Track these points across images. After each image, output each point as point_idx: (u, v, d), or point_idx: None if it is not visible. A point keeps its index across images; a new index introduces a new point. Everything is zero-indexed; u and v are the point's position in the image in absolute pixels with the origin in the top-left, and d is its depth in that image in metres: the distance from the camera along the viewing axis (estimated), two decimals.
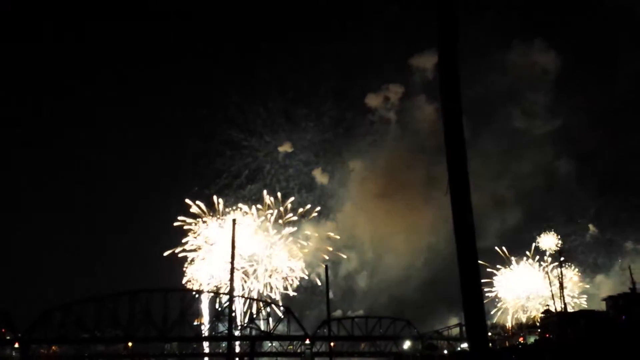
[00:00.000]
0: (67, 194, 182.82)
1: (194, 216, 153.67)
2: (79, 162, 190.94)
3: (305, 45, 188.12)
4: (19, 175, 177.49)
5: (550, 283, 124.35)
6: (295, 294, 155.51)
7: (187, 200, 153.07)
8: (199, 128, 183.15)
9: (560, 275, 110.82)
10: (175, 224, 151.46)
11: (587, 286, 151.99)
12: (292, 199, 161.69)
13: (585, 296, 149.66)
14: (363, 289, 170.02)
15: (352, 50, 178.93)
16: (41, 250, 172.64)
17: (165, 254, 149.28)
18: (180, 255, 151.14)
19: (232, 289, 76.21)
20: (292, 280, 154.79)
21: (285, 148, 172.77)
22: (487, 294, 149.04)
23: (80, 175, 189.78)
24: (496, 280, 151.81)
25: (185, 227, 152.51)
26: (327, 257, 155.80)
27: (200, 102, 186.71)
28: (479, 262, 17.05)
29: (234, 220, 79.99)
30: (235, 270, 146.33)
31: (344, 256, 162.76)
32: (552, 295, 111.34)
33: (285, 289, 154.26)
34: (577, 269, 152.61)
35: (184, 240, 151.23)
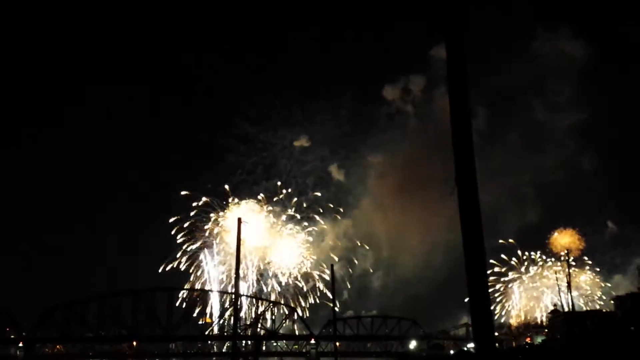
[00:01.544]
0: (72, 190, 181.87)
1: (206, 212, 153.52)
2: (84, 159, 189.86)
3: (322, 35, 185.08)
4: (21, 172, 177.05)
5: (558, 284, 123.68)
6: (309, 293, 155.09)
7: (204, 198, 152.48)
8: (211, 122, 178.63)
9: (568, 276, 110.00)
10: (186, 224, 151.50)
11: (604, 285, 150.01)
12: (307, 195, 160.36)
13: (602, 296, 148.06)
14: (377, 289, 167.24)
15: (372, 41, 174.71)
16: (43, 248, 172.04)
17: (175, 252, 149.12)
18: (189, 252, 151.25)
19: (237, 288, 75.70)
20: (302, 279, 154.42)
21: (302, 142, 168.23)
22: (496, 294, 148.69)
23: (87, 172, 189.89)
24: (507, 280, 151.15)
25: (195, 224, 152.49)
26: (335, 258, 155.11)
27: (212, 95, 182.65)
28: (491, 261, 16.51)
29: (239, 219, 79.29)
30: (246, 269, 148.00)
31: (355, 260, 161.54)
32: (560, 295, 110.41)
33: (295, 287, 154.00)
34: (592, 269, 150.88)
35: (193, 238, 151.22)
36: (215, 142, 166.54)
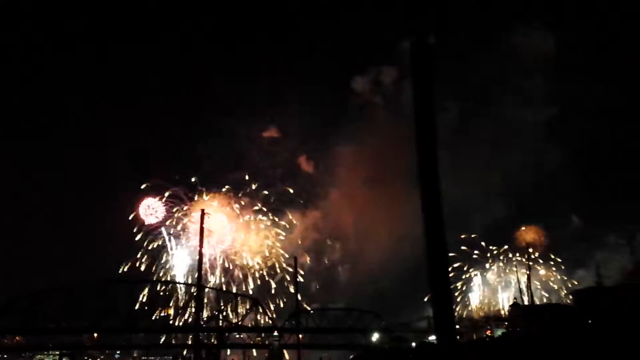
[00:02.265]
0: (37, 179, 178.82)
1: (174, 204, 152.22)
2: (49, 149, 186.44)
3: (292, 24, 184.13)
4: None
5: (518, 278, 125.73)
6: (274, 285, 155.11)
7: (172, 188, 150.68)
8: (179, 111, 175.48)
9: (528, 269, 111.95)
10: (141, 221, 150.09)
11: (566, 279, 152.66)
12: (276, 187, 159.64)
13: (565, 290, 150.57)
14: (345, 281, 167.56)
15: (344, 31, 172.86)
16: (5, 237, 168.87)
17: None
18: (153, 244, 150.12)
19: (200, 280, 75.70)
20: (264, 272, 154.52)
21: (271, 133, 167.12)
22: (457, 287, 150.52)
23: (55, 160, 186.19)
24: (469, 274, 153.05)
25: (160, 216, 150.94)
26: (303, 251, 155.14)
27: (179, 82, 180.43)
28: (455, 254, 16.88)
29: (202, 211, 79.33)
30: (212, 260, 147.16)
31: (323, 253, 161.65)
32: (520, 289, 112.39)
33: (262, 279, 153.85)
34: (555, 264, 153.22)
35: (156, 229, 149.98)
36: (185, 132, 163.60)
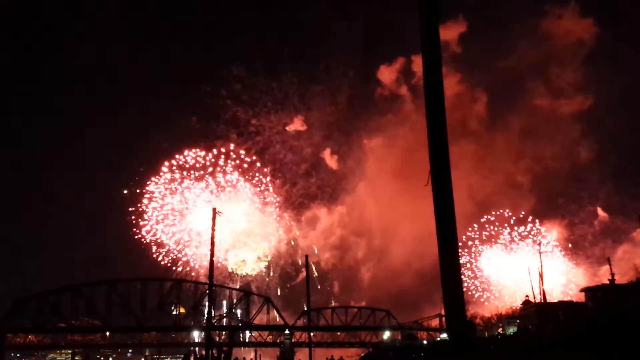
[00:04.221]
0: (46, 179, 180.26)
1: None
2: (62, 151, 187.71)
3: (321, 15, 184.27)
4: None
5: (528, 273, 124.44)
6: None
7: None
8: (201, 105, 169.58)
9: (540, 267, 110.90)
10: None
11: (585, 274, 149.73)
12: (301, 181, 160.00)
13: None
14: (368, 279, 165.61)
15: (371, 21, 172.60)
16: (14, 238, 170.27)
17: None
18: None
19: (211, 279, 75.23)
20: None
21: (296, 127, 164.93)
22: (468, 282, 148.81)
23: (67, 162, 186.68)
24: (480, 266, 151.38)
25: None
26: (323, 248, 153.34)
27: (202, 76, 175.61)
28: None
29: (214, 209, 78.77)
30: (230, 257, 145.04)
31: (347, 250, 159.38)
32: (532, 285, 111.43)
33: (282, 277, 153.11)
34: (579, 260, 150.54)
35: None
36: (208, 126, 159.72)
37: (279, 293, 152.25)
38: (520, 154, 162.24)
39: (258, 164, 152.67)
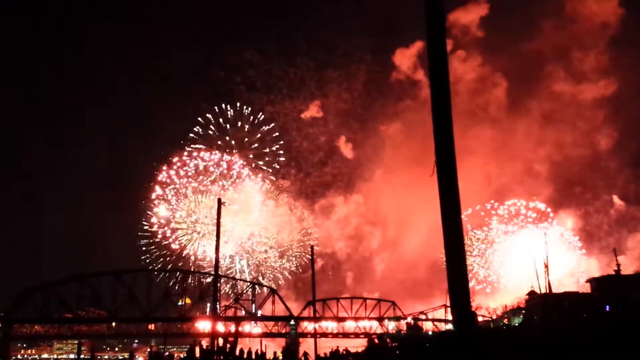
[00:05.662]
0: (55, 171, 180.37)
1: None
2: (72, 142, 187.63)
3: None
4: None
5: (535, 264, 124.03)
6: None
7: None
8: (215, 91, 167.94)
9: (546, 257, 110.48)
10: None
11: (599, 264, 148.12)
12: (315, 169, 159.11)
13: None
14: (381, 270, 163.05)
15: (387, 3, 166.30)
16: (19, 229, 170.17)
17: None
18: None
19: (217, 269, 75.49)
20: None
21: (312, 113, 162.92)
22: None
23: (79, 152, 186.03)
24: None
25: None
26: (326, 239, 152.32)
27: (215, 62, 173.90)
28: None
29: (219, 200, 78.88)
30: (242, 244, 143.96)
31: (361, 240, 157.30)
32: (537, 275, 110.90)
33: (296, 267, 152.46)
34: (595, 250, 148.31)
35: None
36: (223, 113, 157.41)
37: (282, 283, 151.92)
38: (540, 141, 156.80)
39: (271, 151, 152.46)
